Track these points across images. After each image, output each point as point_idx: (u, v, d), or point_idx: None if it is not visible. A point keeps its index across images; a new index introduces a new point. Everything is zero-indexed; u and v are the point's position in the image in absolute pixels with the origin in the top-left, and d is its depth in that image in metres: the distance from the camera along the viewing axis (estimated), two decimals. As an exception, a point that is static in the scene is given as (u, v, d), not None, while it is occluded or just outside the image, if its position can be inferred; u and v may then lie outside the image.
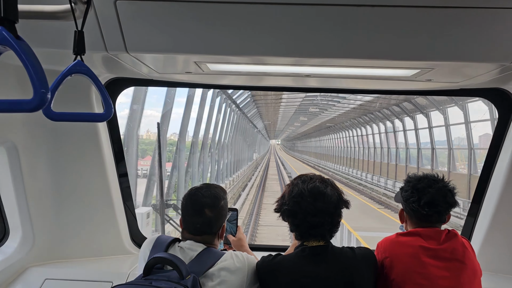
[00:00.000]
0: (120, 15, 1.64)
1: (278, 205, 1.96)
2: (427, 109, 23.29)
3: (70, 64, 1.25)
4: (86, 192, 2.75)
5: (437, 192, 2.00)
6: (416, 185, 2.03)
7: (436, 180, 2.05)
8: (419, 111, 24.18)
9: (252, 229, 16.61)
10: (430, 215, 2.01)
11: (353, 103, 31.93)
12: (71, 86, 2.38)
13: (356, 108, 33.91)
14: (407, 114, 26.39)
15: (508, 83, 2.37)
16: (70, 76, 1.25)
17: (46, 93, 0.92)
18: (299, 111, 39.77)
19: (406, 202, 2.06)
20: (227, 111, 22.95)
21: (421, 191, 2.01)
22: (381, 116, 31.62)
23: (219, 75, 2.46)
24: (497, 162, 2.70)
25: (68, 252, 2.81)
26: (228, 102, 22.90)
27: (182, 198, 1.97)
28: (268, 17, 1.65)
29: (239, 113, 28.26)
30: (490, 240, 2.72)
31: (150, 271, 1.72)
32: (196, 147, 17.34)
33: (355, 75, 2.25)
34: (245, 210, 20.17)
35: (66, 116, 1.33)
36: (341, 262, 1.84)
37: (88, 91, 2.51)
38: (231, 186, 25.16)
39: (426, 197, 1.99)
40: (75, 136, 2.63)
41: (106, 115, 1.31)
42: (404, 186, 2.12)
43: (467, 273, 1.90)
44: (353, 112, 35.83)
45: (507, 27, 1.62)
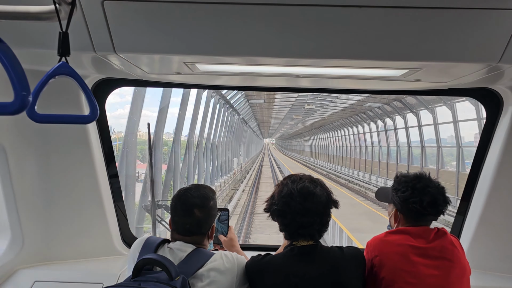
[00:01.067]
0: (107, 16, 1.63)
1: (267, 205, 1.97)
2: (417, 108, 23.47)
3: (54, 66, 1.24)
4: (76, 193, 2.73)
5: (437, 192, 2.02)
6: (416, 185, 2.03)
7: (430, 179, 2.07)
8: (409, 110, 24.36)
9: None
10: (428, 215, 2.03)
11: (345, 103, 32.06)
12: (61, 88, 2.38)
13: (348, 108, 34.05)
14: (397, 113, 26.56)
15: (496, 83, 2.40)
16: (54, 78, 1.24)
17: (27, 96, 0.91)
18: (293, 110, 39.62)
19: (404, 202, 2.04)
20: (216, 107, 22.56)
21: (422, 191, 2.00)
22: (372, 115, 31.80)
23: (211, 76, 2.46)
24: (485, 161, 2.73)
25: (58, 254, 2.79)
26: (219, 99, 22.60)
27: (171, 199, 1.96)
28: (258, 17, 1.65)
29: (230, 110, 27.77)
30: (479, 238, 2.75)
31: (139, 273, 1.72)
32: (191, 148, 17.30)
33: (345, 75, 2.27)
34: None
35: (51, 118, 1.32)
36: (330, 262, 1.85)
37: (78, 93, 2.49)
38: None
39: (428, 197, 2.00)
40: (64, 137, 2.61)
41: (91, 117, 1.30)
42: (398, 186, 2.09)
43: (456, 272, 1.92)
44: (346, 111, 35.92)
45: (494, 28, 1.64)
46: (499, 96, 2.57)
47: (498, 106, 2.61)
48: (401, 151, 27.90)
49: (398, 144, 28.06)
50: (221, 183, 25.94)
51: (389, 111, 27.59)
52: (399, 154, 28.11)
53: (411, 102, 23.32)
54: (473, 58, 1.79)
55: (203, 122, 19.13)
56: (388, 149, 30.20)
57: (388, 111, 27.88)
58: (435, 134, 21.60)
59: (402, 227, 2.05)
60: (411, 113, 24.29)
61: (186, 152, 16.78)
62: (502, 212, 2.68)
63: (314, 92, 21.05)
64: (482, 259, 2.75)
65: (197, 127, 18.18)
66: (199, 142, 19.08)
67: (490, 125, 2.68)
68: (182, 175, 15.82)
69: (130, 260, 1.90)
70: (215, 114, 22.36)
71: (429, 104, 21.57)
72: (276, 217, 1.93)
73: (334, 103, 33.48)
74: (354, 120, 37.11)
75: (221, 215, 2.37)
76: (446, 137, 22.05)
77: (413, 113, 24.00)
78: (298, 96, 29.53)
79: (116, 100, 23.97)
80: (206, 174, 22.13)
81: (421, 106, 22.44)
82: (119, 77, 2.57)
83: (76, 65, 1.44)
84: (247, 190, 28.98)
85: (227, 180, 29.31)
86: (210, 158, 23.29)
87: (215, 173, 25.32)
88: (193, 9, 1.62)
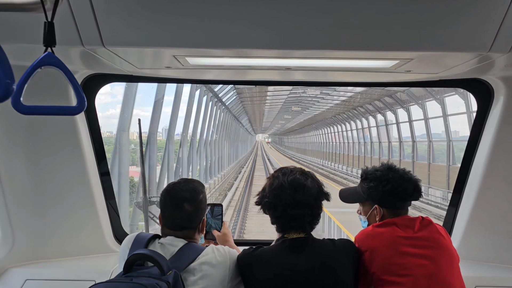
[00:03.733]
0: (95, 8, 1.61)
1: (259, 198, 1.97)
2: (407, 103, 23.60)
3: (40, 56, 1.21)
4: (67, 191, 2.70)
5: (414, 177, 2.08)
6: (394, 175, 2.05)
7: (397, 167, 2.12)
8: (400, 106, 24.48)
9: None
10: (411, 201, 2.09)
11: (336, 99, 32.10)
12: (49, 81, 2.34)
13: (340, 104, 34.07)
14: (388, 108, 26.68)
15: (486, 73, 2.40)
16: (40, 69, 1.21)
17: (12, 84, 0.88)
18: (288, 102, 38.87)
19: (389, 195, 2.04)
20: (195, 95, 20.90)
21: (402, 179, 2.04)
22: (363, 111, 31.90)
23: (201, 70, 2.44)
24: (477, 152, 2.74)
25: (49, 252, 2.76)
26: (204, 90, 21.40)
27: (160, 194, 1.94)
28: (248, 9, 1.64)
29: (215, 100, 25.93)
30: (471, 229, 2.76)
31: (131, 268, 1.70)
32: (184, 145, 17.21)
33: (337, 67, 2.27)
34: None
35: (37, 109, 1.29)
36: (321, 254, 1.85)
37: (66, 86, 2.46)
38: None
39: (410, 184, 2.04)
40: (53, 134, 2.58)
41: (78, 108, 1.27)
42: (375, 181, 2.08)
43: (445, 260, 1.92)
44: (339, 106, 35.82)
45: (484, 16, 1.64)
46: (489, 87, 2.58)
47: (489, 96, 2.61)
48: (393, 146, 28.04)
49: (390, 139, 28.21)
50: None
51: (380, 107, 27.59)
52: (390, 149, 28.26)
53: (402, 97, 23.44)
54: (464, 48, 1.79)
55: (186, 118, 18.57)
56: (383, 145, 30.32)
57: (380, 107, 27.93)
58: (426, 129, 21.76)
59: (388, 219, 2.04)
60: (402, 109, 24.42)
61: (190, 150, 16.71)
62: (493, 203, 2.70)
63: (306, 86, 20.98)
64: (475, 249, 2.77)
65: (180, 122, 17.46)
66: (183, 139, 18.71)
67: (481, 116, 2.69)
68: (175, 174, 15.76)
69: (121, 256, 1.88)
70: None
71: (419, 99, 21.71)
72: (267, 209, 1.93)
73: (325, 100, 33.49)
74: (356, 113, 36.44)
75: (214, 210, 2.36)
76: (441, 131, 22.11)
77: (403, 108, 24.13)
78: (292, 89, 29.18)
79: (108, 100, 23.70)
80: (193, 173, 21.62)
81: (412, 101, 22.58)
82: (108, 72, 2.54)
83: (63, 60, 1.41)
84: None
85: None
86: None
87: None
88: (182, 1, 1.60)
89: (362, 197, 2.14)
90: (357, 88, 23.58)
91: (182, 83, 12.44)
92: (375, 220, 2.10)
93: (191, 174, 19.56)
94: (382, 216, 2.08)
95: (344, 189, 2.33)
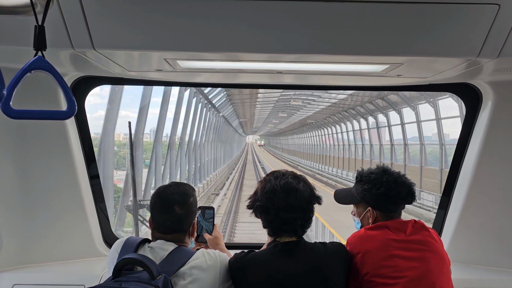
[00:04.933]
0: (85, 11, 1.60)
1: (251, 201, 1.96)
2: (399, 106, 23.69)
3: (30, 60, 1.20)
4: (56, 194, 2.67)
5: (408, 180, 2.09)
6: (388, 179, 2.05)
7: (391, 170, 2.12)
8: (392, 108, 24.57)
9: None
10: (404, 204, 2.08)
11: (327, 101, 32.16)
12: (40, 85, 2.32)
13: (332, 106, 34.10)
14: (380, 111, 26.78)
15: (475, 78, 2.43)
16: (30, 73, 1.20)
17: (1, 89, 0.88)
18: (282, 99, 38.00)
19: (382, 198, 2.05)
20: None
21: (396, 183, 2.04)
22: (355, 113, 31.98)
23: (192, 73, 2.43)
24: (466, 156, 2.77)
25: (37, 256, 2.73)
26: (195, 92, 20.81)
27: (151, 197, 1.93)
28: (239, 12, 1.64)
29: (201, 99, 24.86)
30: (460, 231, 2.79)
31: (120, 273, 1.68)
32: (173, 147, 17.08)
33: (327, 71, 2.28)
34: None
35: (26, 113, 1.28)
36: (313, 257, 1.85)
37: (57, 90, 2.44)
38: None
39: (404, 188, 2.05)
40: (42, 137, 2.56)
41: (69, 113, 1.26)
42: (369, 184, 2.08)
43: (436, 263, 1.94)
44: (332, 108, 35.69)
45: (472, 22, 1.66)
46: (478, 91, 2.61)
47: (477, 101, 2.65)
48: (385, 149, 28.12)
49: (381, 142, 28.31)
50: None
51: (382, 107, 27.33)
52: (382, 152, 28.37)
53: (394, 100, 23.52)
54: (453, 53, 1.81)
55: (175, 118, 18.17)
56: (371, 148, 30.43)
57: (371, 110, 27.98)
58: (418, 132, 21.86)
59: (380, 222, 2.06)
60: (394, 111, 24.51)
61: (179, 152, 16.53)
62: (482, 206, 2.73)
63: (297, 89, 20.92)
64: (464, 252, 2.79)
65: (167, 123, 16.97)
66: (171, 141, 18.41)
67: (470, 120, 2.72)
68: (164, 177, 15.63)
69: (110, 261, 1.87)
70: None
71: (411, 102, 21.80)
72: (259, 213, 1.93)
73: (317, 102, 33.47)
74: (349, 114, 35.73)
75: (206, 213, 2.35)
76: (432, 134, 22.18)
77: (395, 111, 24.23)
78: (283, 91, 28.68)
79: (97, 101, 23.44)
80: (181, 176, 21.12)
81: (404, 104, 22.67)
82: (98, 75, 2.53)
83: (54, 62, 1.40)
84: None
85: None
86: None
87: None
88: (173, 4, 1.60)
89: (356, 199, 2.15)
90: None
91: (172, 86, 12.37)
92: (368, 222, 2.11)
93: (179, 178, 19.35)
94: (375, 218, 2.09)
95: (339, 190, 2.35)
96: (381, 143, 28.29)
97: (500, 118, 2.56)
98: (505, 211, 2.70)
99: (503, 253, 2.75)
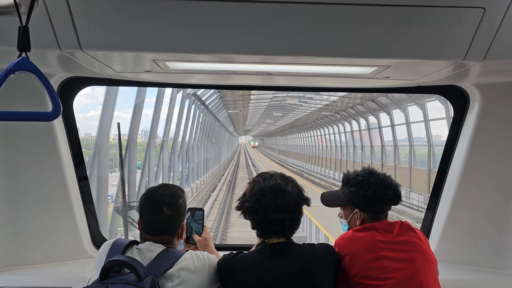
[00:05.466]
0: (72, 11, 1.59)
1: (239, 203, 1.97)
2: (389, 107, 23.81)
3: (14, 61, 1.19)
4: (43, 196, 2.64)
5: (393, 181, 2.11)
6: (375, 181, 2.07)
7: (377, 171, 2.13)
8: (382, 110, 24.69)
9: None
10: (391, 205, 2.10)
11: (319, 103, 32.17)
12: (28, 86, 2.30)
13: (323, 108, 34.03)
14: (371, 113, 26.86)
15: (462, 80, 2.46)
16: (14, 74, 1.19)
17: None
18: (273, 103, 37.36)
19: (369, 200, 2.06)
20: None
21: (382, 185, 2.06)
22: (346, 115, 32.03)
23: (183, 74, 2.43)
24: (453, 157, 2.80)
25: (25, 258, 2.70)
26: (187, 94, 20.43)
27: (140, 198, 1.93)
28: (229, 14, 1.64)
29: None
30: (448, 232, 2.81)
31: (107, 275, 1.67)
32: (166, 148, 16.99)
33: (318, 73, 2.29)
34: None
35: (10, 115, 1.27)
36: (301, 259, 1.86)
37: (43, 90, 2.41)
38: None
39: (391, 189, 2.07)
40: (30, 138, 2.53)
41: (54, 114, 1.25)
42: (356, 186, 2.09)
43: (423, 263, 1.95)
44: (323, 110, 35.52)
45: (459, 25, 1.68)
46: (465, 94, 2.64)
47: (465, 103, 2.67)
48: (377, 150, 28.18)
49: (372, 143, 28.41)
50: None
51: (373, 108, 27.08)
52: (373, 153, 28.48)
53: (384, 101, 23.63)
54: (440, 56, 1.83)
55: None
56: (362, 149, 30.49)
57: (372, 108, 27.63)
58: (407, 133, 22.02)
59: (367, 223, 2.07)
60: (384, 113, 24.63)
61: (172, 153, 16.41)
62: (469, 207, 2.75)
63: (289, 91, 20.88)
64: (452, 252, 2.82)
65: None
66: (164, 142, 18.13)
67: (457, 122, 2.75)
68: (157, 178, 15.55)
69: (98, 263, 1.86)
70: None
71: (401, 104, 21.95)
72: (248, 214, 1.93)
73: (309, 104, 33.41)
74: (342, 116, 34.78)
75: (196, 214, 2.35)
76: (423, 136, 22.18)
77: (386, 112, 24.35)
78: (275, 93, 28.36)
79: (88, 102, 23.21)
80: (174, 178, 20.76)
81: (394, 105, 22.81)
82: (87, 75, 2.51)
83: (41, 63, 1.39)
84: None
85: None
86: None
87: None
88: (162, 5, 1.59)
89: (343, 201, 2.16)
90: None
91: (163, 87, 12.32)
92: (356, 224, 2.11)
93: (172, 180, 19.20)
94: (363, 220, 2.10)
95: (326, 192, 2.34)
96: (383, 144, 28.29)
97: (487, 120, 2.59)
98: (492, 211, 2.72)
99: (491, 254, 2.77)
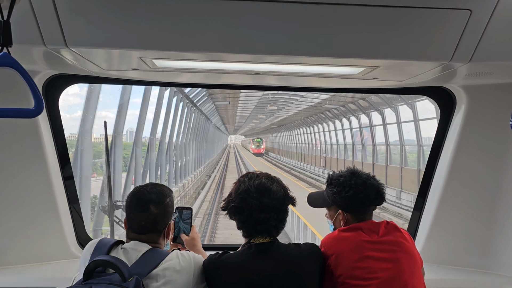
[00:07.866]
0: (57, 7, 1.57)
1: (225, 203, 1.96)
2: (381, 106, 23.86)
3: None
4: (27, 195, 2.60)
5: (376, 182, 2.10)
6: (356, 181, 2.06)
7: (361, 172, 2.13)
8: (374, 109, 24.74)
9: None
10: (374, 205, 2.10)
11: (310, 102, 32.15)
12: (13, 82, 2.26)
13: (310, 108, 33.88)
14: (362, 112, 26.87)
15: (449, 82, 2.48)
16: None
17: None
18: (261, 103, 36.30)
19: (351, 200, 2.06)
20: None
21: (364, 185, 2.06)
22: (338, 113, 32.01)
23: (170, 72, 2.41)
24: (440, 158, 2.82)
25: (10, 258, 2.66)
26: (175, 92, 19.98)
27: (127, 196, 1.91)
28: (217, 13, 1.63)
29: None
30: (434, 233, 2.83)
31: (91, 275, 1.66)
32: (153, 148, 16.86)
33: (307, 73, 2.30)
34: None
35: None
36: (287, 258, 1.86)
37: (26, 86, 2.38)
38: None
39: (372, 190, 2.06)
40: (14, 137, 2.49)
41: (36, 111, 1.23)
42: (339, 187, 2.09)
43: (408, 263, 1.96)
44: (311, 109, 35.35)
45: (445, 27, 1.69)
46: (452, 95, 2.66)
47: (452, 104, 2.70)
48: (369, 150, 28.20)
49: (364, 142, 28.45)
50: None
51: (364, 107, 26.78)
52: (364, 152, 28.52)
53: (376, 100, 23.68)
54: (427, 57, 1.84)
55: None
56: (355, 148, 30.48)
57: (364, 107, 27.39)
58: (398, 133, 22.12)
59: (353, 223, 2.07)
60: (376, 112, 24.67)
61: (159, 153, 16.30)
62: (455, 208, 2.78)
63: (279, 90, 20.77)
64: (438, 252, 2.84)
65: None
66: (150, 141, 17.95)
67: (444, 123, 2.77)
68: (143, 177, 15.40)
69: (82, 263, 1.83)
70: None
71: (391, 103, 22.03)
72: (234, 214, 1.93)
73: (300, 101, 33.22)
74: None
75: (184, 214, 2.33)
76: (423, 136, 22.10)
77: (377, 111, 24.41)
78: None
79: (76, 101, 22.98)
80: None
81: (385, 105, 22.87)
82: (73, 73, 2.48)
83: (25, 59, 1.38)
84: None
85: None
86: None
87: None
88: (149, 2, 1.58)
89: (328, 202, 2.17)
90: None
91: (151, 86, 12.24)
92: (340, 225, 2.12)
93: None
94: (347, 221, 2.10)
95: (312, 193, 2.35)
96: (363, 143, 28.41)
97: (473, 122, 2.61)
98: (478, 212, 2.75)
99: (476, 254, 2.80)
